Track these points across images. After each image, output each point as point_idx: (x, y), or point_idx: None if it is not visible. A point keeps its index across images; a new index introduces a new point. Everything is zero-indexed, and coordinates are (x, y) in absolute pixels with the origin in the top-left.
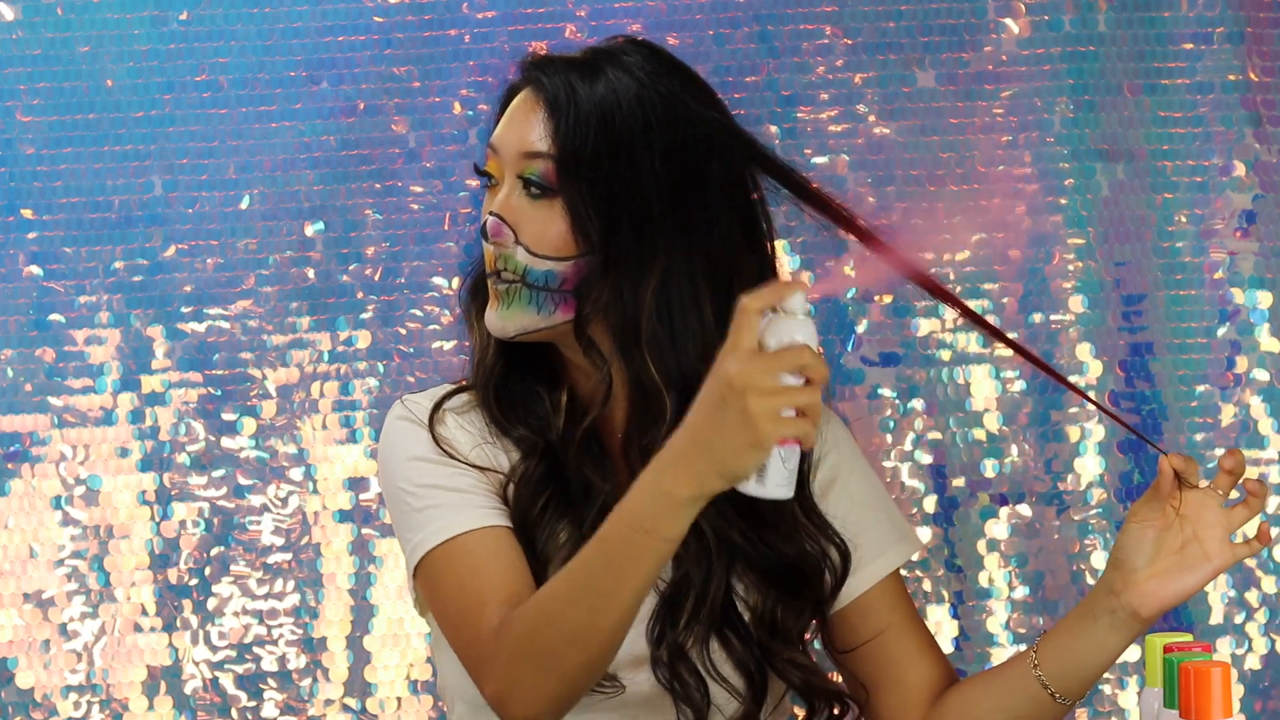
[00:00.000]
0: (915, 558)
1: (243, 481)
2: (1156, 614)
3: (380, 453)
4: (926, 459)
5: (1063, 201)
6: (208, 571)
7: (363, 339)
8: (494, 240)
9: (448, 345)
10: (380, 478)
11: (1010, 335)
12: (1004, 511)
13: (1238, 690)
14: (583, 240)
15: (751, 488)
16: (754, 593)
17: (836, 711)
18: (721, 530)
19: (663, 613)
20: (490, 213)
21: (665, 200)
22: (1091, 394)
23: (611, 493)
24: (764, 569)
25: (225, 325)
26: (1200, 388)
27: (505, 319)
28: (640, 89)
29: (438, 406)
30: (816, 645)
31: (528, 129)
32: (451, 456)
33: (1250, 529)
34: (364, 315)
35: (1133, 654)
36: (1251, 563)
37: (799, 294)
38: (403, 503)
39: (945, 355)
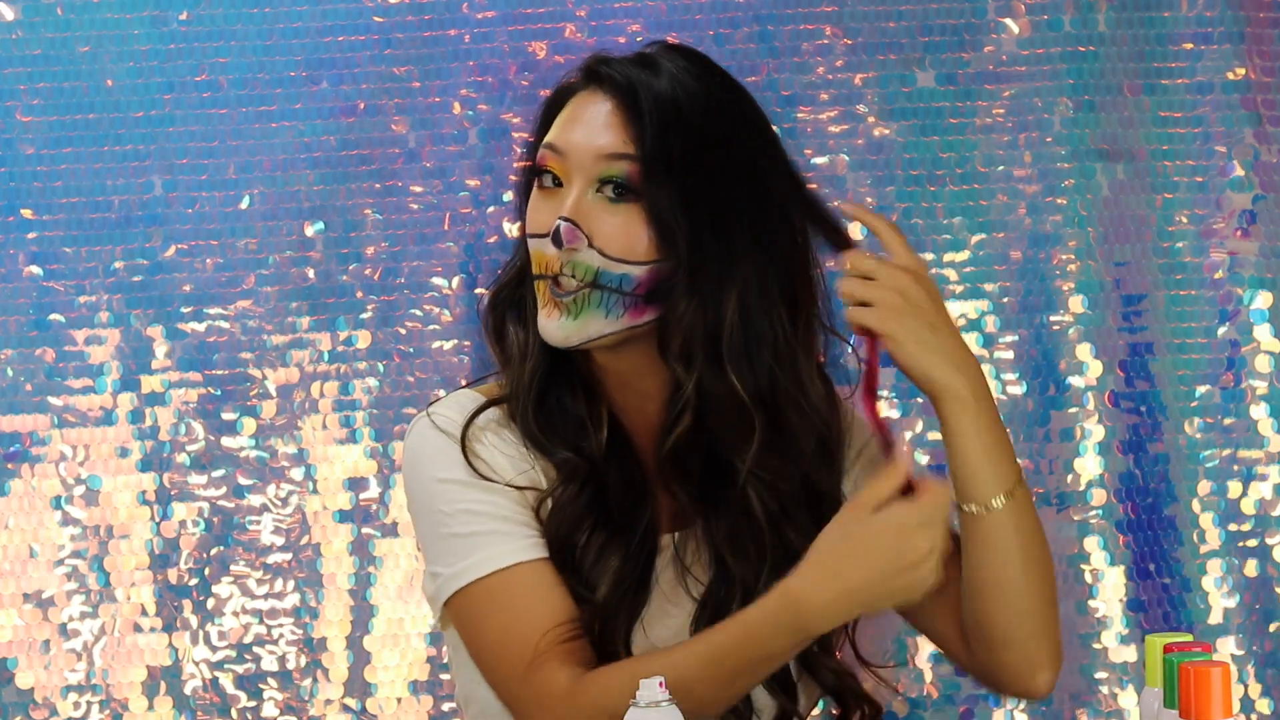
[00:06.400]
0: None
1: (243, 481)
2: (931, 382)
3: (408, 469)
4: (926, 459)
5: (1062, 201)
6: (208, 571)
7: (363, 339)
8: (568, 246)
9: (447, 345)
10: (408, 495)
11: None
12: None
13: (1238, 690)
14: (665, 245)
15: None
16: None
17: (868, 711)
18: (780, 528)
19: (709, 616)
20: (561, 217)
21: (743, 207)
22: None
23: (654, 513)
24: None
25: (225, 325)
26: (1200, 388)
27: (570, 329)
28: (710, 94)
29: (469, 422)
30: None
31: (604, 130)
32: (487, 479)
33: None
34: (364, 315)
35: (1132, 654)
36: (1249, 570)
37: None
38: (440, 525)
39: None
